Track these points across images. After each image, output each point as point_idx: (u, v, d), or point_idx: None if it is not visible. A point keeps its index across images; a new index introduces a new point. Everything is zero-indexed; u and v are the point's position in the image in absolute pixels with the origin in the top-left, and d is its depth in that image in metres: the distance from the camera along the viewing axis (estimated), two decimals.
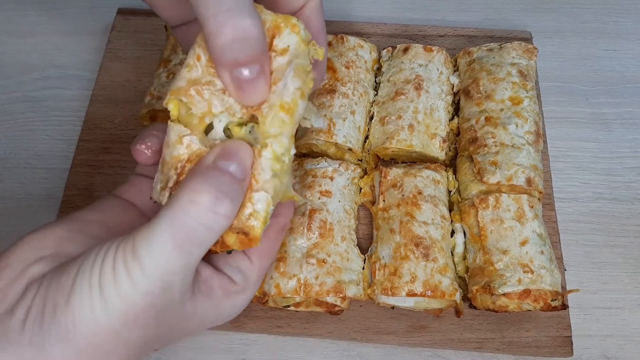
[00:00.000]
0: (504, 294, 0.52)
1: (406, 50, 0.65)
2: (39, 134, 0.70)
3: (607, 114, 0.72)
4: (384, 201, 0.58)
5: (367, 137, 0.63)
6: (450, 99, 0.65)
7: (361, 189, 0.62)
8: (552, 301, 0.52)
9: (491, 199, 0.56)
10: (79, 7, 0.80)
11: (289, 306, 0.55)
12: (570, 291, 0.55)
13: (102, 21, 0.77)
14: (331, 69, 0.62)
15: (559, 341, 0.55)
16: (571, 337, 0.55)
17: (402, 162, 0.64)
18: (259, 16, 0.32)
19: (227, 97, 0.34)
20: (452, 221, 0.59)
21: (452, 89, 0.66)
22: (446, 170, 0.61)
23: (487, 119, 0.60)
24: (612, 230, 0.64)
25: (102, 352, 0.31)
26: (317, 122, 0.39)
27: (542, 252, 0.53)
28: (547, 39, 0.77)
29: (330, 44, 0.65)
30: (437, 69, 0.64)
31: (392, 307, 0.56)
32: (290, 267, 0.54)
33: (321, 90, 0.61)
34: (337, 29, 0.73)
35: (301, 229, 0.55)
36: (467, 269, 0.56)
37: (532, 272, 0.52)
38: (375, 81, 0.67)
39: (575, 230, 0.63)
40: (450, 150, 0.64)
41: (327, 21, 0.35)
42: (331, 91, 0.61)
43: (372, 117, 0.64)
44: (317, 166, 0.59)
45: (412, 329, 0.56)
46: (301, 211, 0.56)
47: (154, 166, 0.40)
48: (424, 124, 0.61)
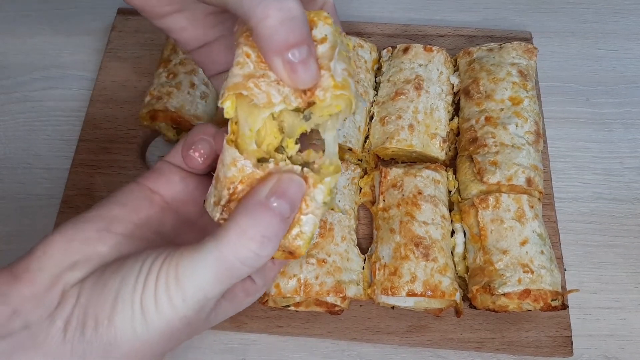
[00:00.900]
0: (504, 294, 0.52)
1: (406, 50, 0.65)
2: (39, 134, 0.70)
3: (607, 114, 0.72)
4: (384, 201, 0.58)
5: (367, 137, 0.63)
6: (450, 98, 0.65)
7: (361, 188, 0.62)
8: (552, 301, 0.52)
9: (491, 199, 0.56)
10: (79, 7, 0.80)
11: (289, 306, 0.55)
12: (570, 291, 0.55)
13: (102, 21, 0.77)
14: None
15: (559, 341, 0.55)
16: (571, 337, 0.55)
17: (402, 162, 0.64)
18: None
19: (282, 87, 0.34)
20: (452, 221, 0.59)
21: (452, 88, 0.66)
22: (446, 170, 0.61)
23: (487, 119, 0.60)
24: (612, 230, 0.64)
25: None
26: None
27: (542, 252, 0.53)
28: (547, 39, 0.77)
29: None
30: (437, 69, 0.64)
31: (392, 307, 0.56)
32: (290, 267, 0.53)
33: None
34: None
35: None
36: (467, 269, 0.56)
37: (532, 272, 0.52)
38: (375, 81, 0.67)
39: (575, 230, 0.63)
40: (450, 150, 0.64)
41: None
42: None
43: (372, 117, 0.64)
44: None
45: (412, 329, 0.56)
46: None
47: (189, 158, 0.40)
48: (424, 123, 0.61)
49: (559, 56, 0.76)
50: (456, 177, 0.61)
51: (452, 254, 0.57)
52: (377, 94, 0.65)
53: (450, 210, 0.60)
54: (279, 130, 0.36)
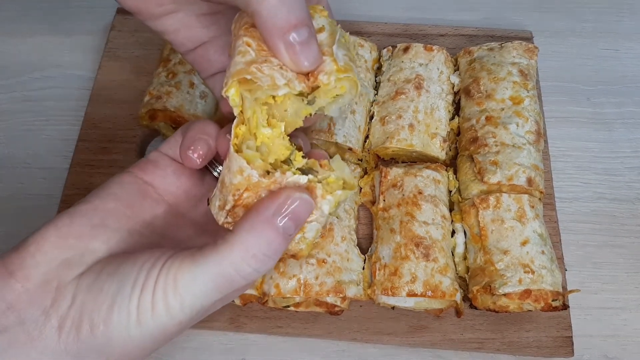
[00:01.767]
0: (505, 294, 0.52)
1: (406, 49, 0.65)
2: (38, 133, 0.69)
3: (607, 114, 0.71)
4: (384, 201, 0.58)
5: (367, 137, 0.63)
6: (450, 98, 0.65)
7: (361, 188, 0.62)
8: (552, 301, 0.52)
9: (492, 199, 0.55)
10: (78, 7, 0.80)
11: (288, 306, 0.55)
12: (571, 291, 0.55)
13: (102, 21, 0.77)
14: None
15: (560, 341, 0.55)
16: (572, 337, 0.55)
17: (402, 162, 0.64)
18: None
19: (286, 71, 0.34)
20: (452, 221, 0.59)
21: (453, 88, 0.65)
22: (447, 170, 0.61)
23: (488, 119, 0.60)
24: (613, 230, 0.63)
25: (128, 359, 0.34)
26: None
27: (543, 252, 0.53)
28: (548, 39, 0.77)
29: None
30: (438, 69, 0.64)
31: (393, 308, 0.56)
32: (290, 267, 0.53)
33: None
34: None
35: None
36: (467, 269, 0.56)
37: (533, 272, 0.52)
38: (375, 80, 0.67)
39: (576, 230, 0.63)
40: (450, 149, 0.63)
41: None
42: None
43: (372, 117, 0.64)
44: None
45: (412, 329, 0.56)
46: None
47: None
48: (424, 123, 0.61)
49: (559, 56, 0.76)
50: (457, 177, 0.61)
51: (453, 254, 0.57)
52: (377, 94, 0.65)
53: (450, 210, 0.59)
54: (287, 146, 0.36)
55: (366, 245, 0.60)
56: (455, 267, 0.56)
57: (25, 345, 0.32)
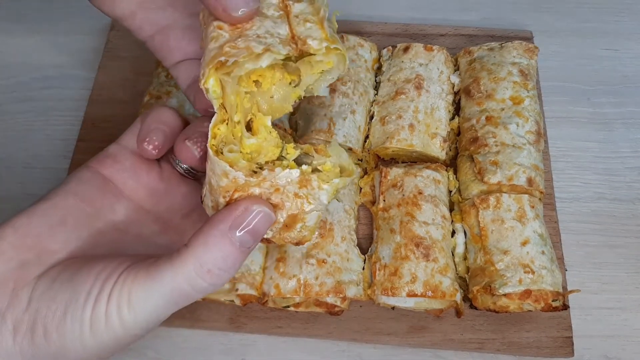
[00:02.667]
0: (505, 295, 0.52)
1: (406, 49, 0.65)
2: (38, 133, 0.69)
3: (608, 114, 0.71)
4: (384, 201, 0.58)
5: (367, 137, 0.63)
6: (450, 98, 0.65)
7: (361, 188, 0.62)
8: (553, 301, 0.52)
9: (492, 199, 0.55)
10: (78, 7, 0.80)
11: (288, 306, 0.55)
12: (571, 291, 0.55)
13: (102, 21, 0.77)
14: None
15: (560, 342, 0.55)
16: (572, 337, 0.55)
17: (402, 162, 0.64)
18: None
19: (264, 38, 0.33)
20: (452, 221, 0.58)
21: (453, 88, 0.65)
22: (447, 170, 0.61)
23: (488, 119, 0.60)
24: (613, 230, 0.63)
25: None
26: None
27: (543, 253, 0.53)
28: (548, 39, 0.77)
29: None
30: (438, 68, 0.64)
31: (393, 308, 0.56)
32: (290, 267, 0.53)
33: None
34: (337, 28, 0.72)
35: None
36: (467, 269, 0.56)
37: (533, 273, 0.52)
38: (375, 80, 0.67)
39: (576, 230, 0.63)
40: (450, 149, 0.63)
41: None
42: (331, 90, 0.61)
43: (372, 117, 0.63)
44: None
45: (412, 330, 0.56)
46: None
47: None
48: (425, 123, 0.61)
49: (559, 56, 0.76)
50: (457, 177, 0.61)
51: (453, 254, 0.57)
52: (377, 94, 0.65)
53: (450, 210, 0.59)
54: (277, 144, 0.35)
55: (366, 245, 0.60)
56: (455, 267, 0.56)
57: None
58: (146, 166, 0.41)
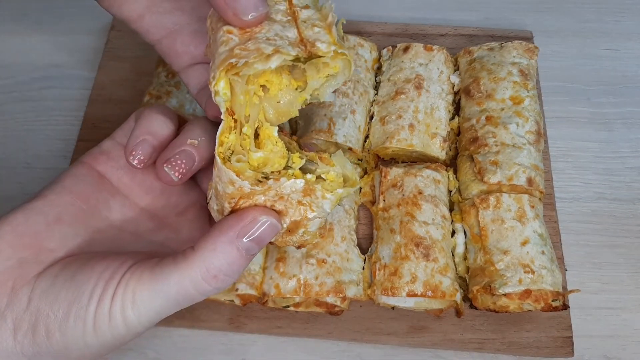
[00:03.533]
0: (505, 294, 0.52)
1: (406, 49, 0.65)
2: (38, 133, 0.69)
3: (608, 114, 0.71)
4: (384, 201, 0.58)
5: (367, 137, 0.63)
6: (450, 98, 0.65)
7: (361, 188, 0.62)
8: (553, 301, 0.52)
9: (492, 199, 0.55)
10: (78, 7, 0.80)
11: (288, 306, 0.55)
12: (571, 291, 0.55)
13: (102, 20, 0.77)
14: None
15: (560, 342, 0.55)
16: (572, 337, 0.55)
17: (402, 162, 0.64)
18: None
19: (274, 40, 0.33)
20: (452, 221, 0.58)
21: (453, 88, 0.65)
22: (447, 170, 0.61)
23: (488, 119, 0.60)
24: (613, 230, 0.63)
25: None
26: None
27: (543, 252, 0.53)
28: (548, 39, 0.77)
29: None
30: (438, 68, 0.64)
31: (393, 308, 0.56)
32: (289, 267, 0.53)
33: None
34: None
35: None
36: (467, 269, 0.56)
37: (533, 272, 0.52)
38: (375, 80, 0.67)
39: (576, 230, 0.63)
40: (450, 149, 0.63)
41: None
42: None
43: (372, 117, 0.63)
44: None
45: (412, 330, 0.56)
46: None
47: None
48: (425, 123, 0.61)
49: (559, 55, 0.76)
50: (457, 177, 0.61)
51: (453, 254, 0.57)
52: (377, 94, 0.65)
53: (450, 210, 0.59)
54: (283, 154, 0.35)
55: (366, 245, 0.60)
56: (455, 267, 0.56)
57: None
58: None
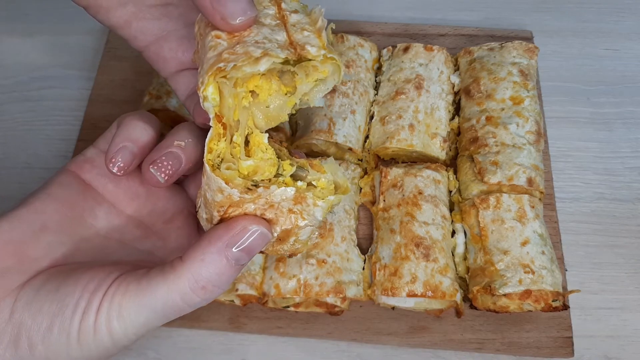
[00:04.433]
0: (505, 295, 0.52)
1: (406, 49, 0.65)
2: (38, 133, 0.69)
3: (608, 114, 0.71)
4: (384, 201, 0.58)
5: (367, 137, 0.63)
6: (450, 98, 0.65)
7: (361, 189, 0.62)
8: (553, 302, 0.52)
9: (492, 199, 0.55)
10: (78, 7, 0.79)
11: (288, 307, 0.55)
12: (571, 291, 0.55)
13: None
14: None
15: (560, 342, 0.55)
16: (572, 337, 0.55)
17: (402, 162, 0.64)
18: None
19: (263, 43, 0.33)
20: (452, 221, 0.58)
21: (453, 88, 0.65)
22: (447, 170, 0.61)
23: (488, 119, 0.60)
24: (613, 230, 0.63)
25: None
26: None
27: (543, 253, 0.53)
28: (548, 39, 0.77)
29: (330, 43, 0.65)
30: (438, 69, 0.64)
31: (393, 308, 0.56)
32: (290, 267, 0.53)
33: None
34: (337, 28, 0.72)
35: None
36: (467, 270, 0.56)
37: (533, 273, 0.52)
38: (375, 80, 0.67)
39: (576, 230, 0.63)
40: (450, 150, 0.63)
41: (327, 20, 0.36)
42: (331, 90, 0.61)
43: (372, 117, 0.63)
44: None
45: (412, 330, 0.56)
46: None
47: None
48: (425, 123, 0.61)
49: (560, 56, 0.76)
50: (457, 177, 0.61)
51: (453, 255, 0.57)
52: (377, 94, 0.65)
53: (450, 210, 0.59)
54: (273, 162, 0.35)
55: (366, 245, 0.60)
56: (455, 267, 0.56)
57: None
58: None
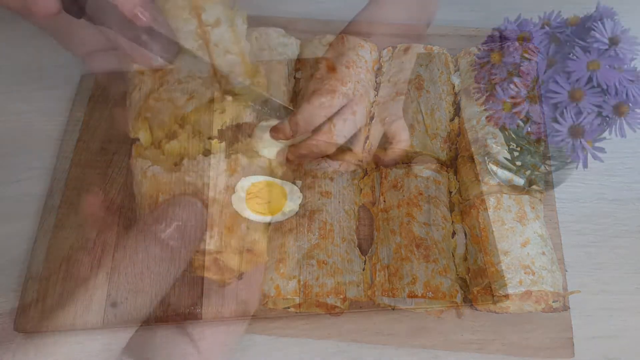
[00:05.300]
0: (505, 295, 0.52)
1: (407, 50, 0.65)
2: (38, 133, 0.69)
3: None
4: (385, 202, 0.58)
5: (367, 137, 0.63)
6: (451, 99, 0.65)
7: (361, 189, 0.62)
8: (553, 302, 0.52)
9: (492, 200, 0.55)
10: None
11: (288, 307, 0.55)
12: (571, 292, 0.55)
13: None
14: (331, 68, 0.62)
15: (560, 342, 0.55)
16: (572, 338, 0.55)
17: (402, 163, 0.63)
18: None
19: (188, 82, 0.33)
20: (452, 222, 0.58)
21: (453, 89, 0.65)
22: (447, 170, 0.61)
23: (488, 119, 0.59)
24: (613, 230, 0.63)
25: None
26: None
27: (544, 253, 0.53)
28: None
29: (330, 44, 0.64)
30: (438, 69, 0.64)
31: (393, 308, 0.56)
32: (290, 268, 0.53)
33: (322, 90, 0.61)
34: (338, 29, 0.72)
35: (301, 229, 0.54)
36: (468, 270, 0.56)
37: (534, 273, 0.52)
38: (375, 81, 0.67)
39: (576, 230, 0.63)
40: (450, 150, 0.63)
41: (327, 21, 0.35)
42: (331, 91, 0.61)
43: (372, 118, 0.63)
44: (317, 167, 0.59)
45: (412, 331, 0.56)
46: (301, 212, 0.56)
47: None
48: (425, 124, 0.61)
49: None
50: (457, 178, 0.61)
51: (453, 255, 0.57)
52: (377, 94, 0.65)
53: (451, 211, 0.59)
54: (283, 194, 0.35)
55: (366, 246, 0.60)
56: (455, 268, 0.56)
57: None
58: None
